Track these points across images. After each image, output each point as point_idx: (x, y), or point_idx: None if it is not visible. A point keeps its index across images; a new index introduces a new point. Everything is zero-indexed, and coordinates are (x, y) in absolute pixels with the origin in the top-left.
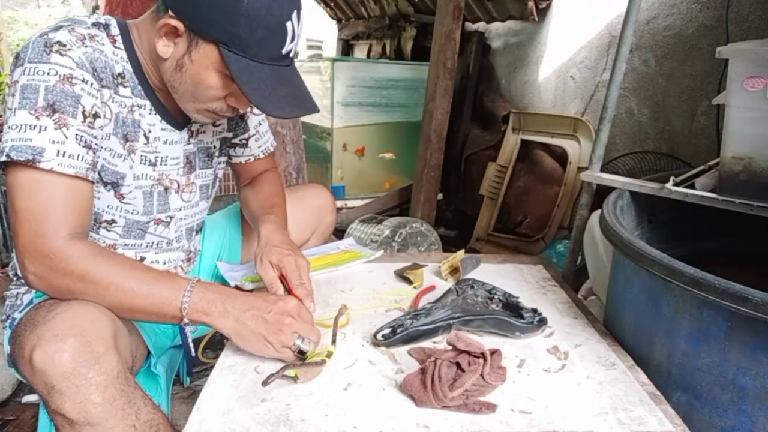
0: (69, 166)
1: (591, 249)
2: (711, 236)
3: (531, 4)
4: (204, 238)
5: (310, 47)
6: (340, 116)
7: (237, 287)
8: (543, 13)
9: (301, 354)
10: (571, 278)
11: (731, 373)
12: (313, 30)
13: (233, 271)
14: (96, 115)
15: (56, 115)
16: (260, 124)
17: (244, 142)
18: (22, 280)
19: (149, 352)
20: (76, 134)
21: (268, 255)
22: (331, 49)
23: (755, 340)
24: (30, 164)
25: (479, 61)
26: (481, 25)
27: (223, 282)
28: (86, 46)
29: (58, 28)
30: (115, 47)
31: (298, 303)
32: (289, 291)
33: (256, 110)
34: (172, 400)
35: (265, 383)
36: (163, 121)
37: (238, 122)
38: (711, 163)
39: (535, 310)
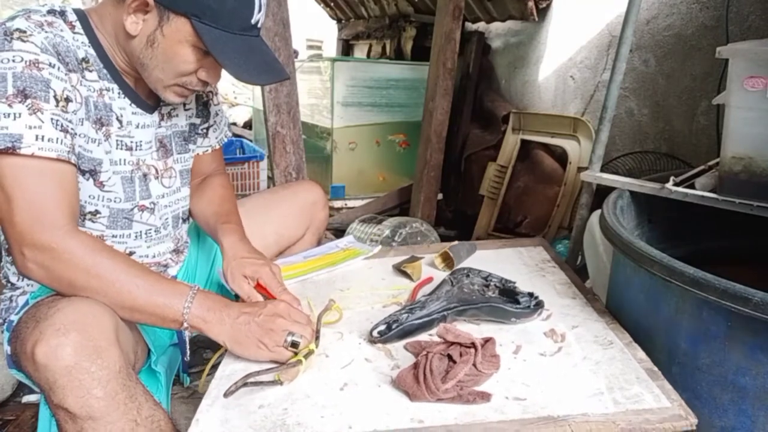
0: (50, 149)
1: (591, 249)
2: (711, 236)
3: (531, 4)
4: (198, 242)
5: (310, 47)
6: (340, 116)
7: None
8: (543, 13)
9: (295, 347)
10: None
11: (731, 373)
12: (313, 30)
13: None
14: (68, 99)
15: (29, 101)
16: (217, 114)
17: (204, 131)
18: (16, 284)
19: (149, 351)
20: (52, 118)
21: (240, 269)
22: (331, 49)
23: (755, 340)
24: (10, 152)
25: (479, 61)
26: (481, 25)
27: (221, 286)
28: (46, 32)
29: (13, 18)
30: (75, 33)
31: (288, 304)
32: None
33: (214, 99)
34: (172, 399)
35: (226, 394)
36: (133, 105)
37: (202, 109)
38: (711, 163)
39: (531, 294)
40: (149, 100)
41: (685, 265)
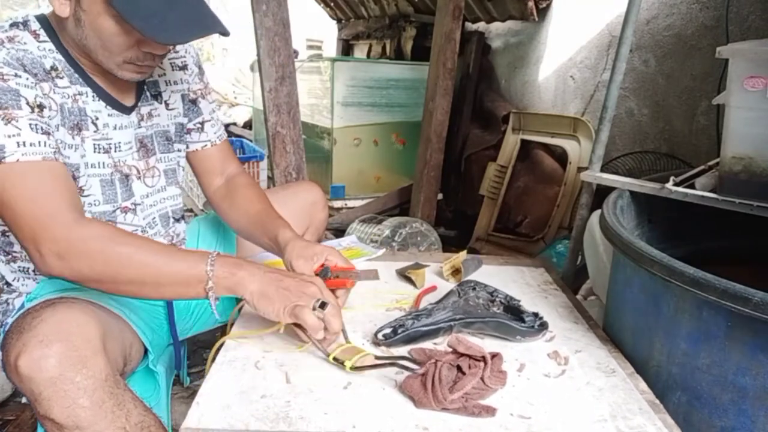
0: (34, 153)
1: (591, 249)
2: (711, 236)
3: (531, 4)
4: (198, 239)
5: (310, 47)
6: (340, 116)
7: None
8: (543, 13)
9: (323, 308)
10: (571, 278)
11: (731, 373)
12: (313, 30)
13: None
14: (41, 106)
15: (1, 112)
16: (213, 111)
17: (199, 126)
18: (12, 286)
19: (146, 351)
20: (29, 124)
21: (303, 250)
22: (331, 49)
23: (755, 340)
24: None
25: (479, 61)
26: (481, 25)
27: None
28: (7, 48)
29: None
30: (40, 41)
31: (322, 283)
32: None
33: (208, 97)
34: (172, 400)
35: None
36: (108, 107)
37: (191, 107)
38: (711, 163)
39: (536, 314)
40: (125, 101)
41: (685, 265)
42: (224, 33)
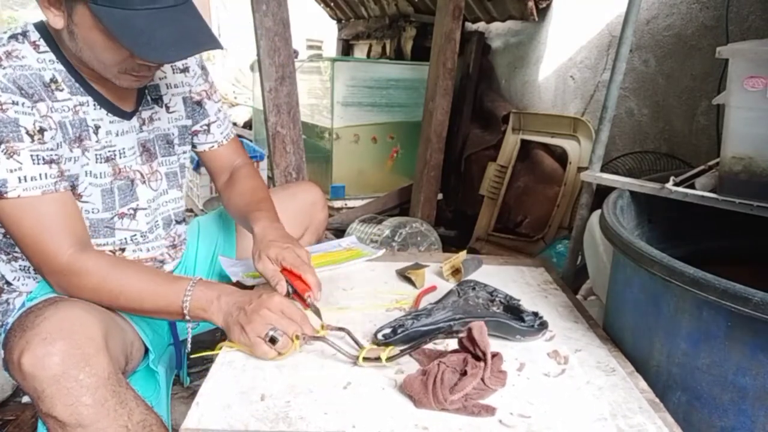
0: (34, 188)
1: (591, 249)
2: (711, 236)
3: (531, 4)
4: (198, 237)
5: (310, 47)
6: (340, 116)
7: (238, 282)
8: (543, 13)
9: (273, 342)
10: (571, 278)
11: (731, 373)
12: (313, 30)
13: (235, 266)
14: (41, 130)
15: (2, 146)
16: (219, 110)
17: (206, 128)
18: (13, 285)
19: (147, 350)
20: (31, 156)
21: (265, 251)
22: (331, 49)
23: (755, 340)
24: (0, 197)
25: (479, 61)
26: (481, 25)
27: (223, 276)
28: (4, 68)
29: None
30: (40, 52)
31: (282, 300)
32: (292, 283)
33: (214, 97)
34: (172, 400)
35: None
36: (109, 114)
37: (195, 108)
38: (711, 163)
39: (536, 314)
40: (126, 107)
41: (685, 265)
42: (218, 48)
